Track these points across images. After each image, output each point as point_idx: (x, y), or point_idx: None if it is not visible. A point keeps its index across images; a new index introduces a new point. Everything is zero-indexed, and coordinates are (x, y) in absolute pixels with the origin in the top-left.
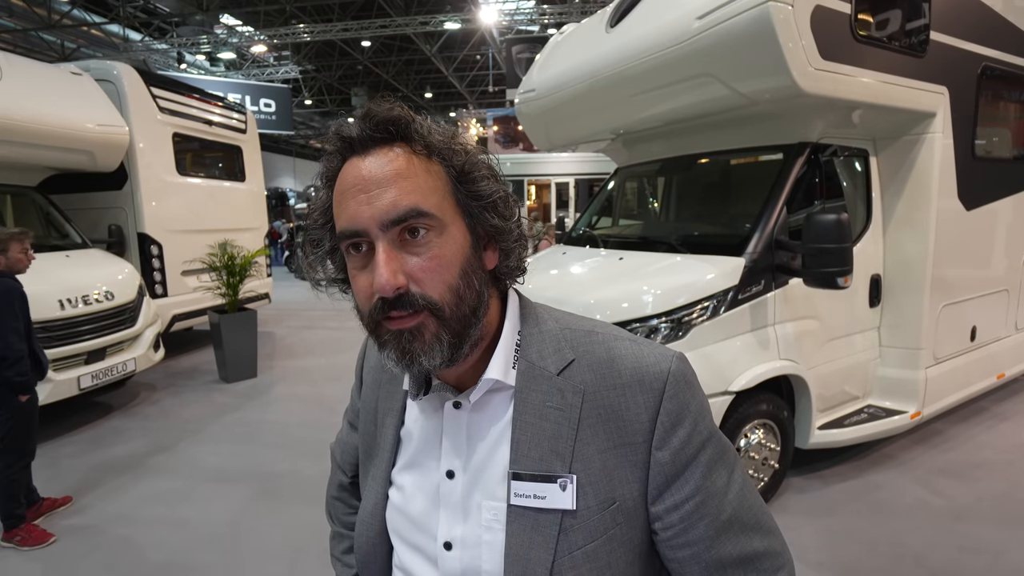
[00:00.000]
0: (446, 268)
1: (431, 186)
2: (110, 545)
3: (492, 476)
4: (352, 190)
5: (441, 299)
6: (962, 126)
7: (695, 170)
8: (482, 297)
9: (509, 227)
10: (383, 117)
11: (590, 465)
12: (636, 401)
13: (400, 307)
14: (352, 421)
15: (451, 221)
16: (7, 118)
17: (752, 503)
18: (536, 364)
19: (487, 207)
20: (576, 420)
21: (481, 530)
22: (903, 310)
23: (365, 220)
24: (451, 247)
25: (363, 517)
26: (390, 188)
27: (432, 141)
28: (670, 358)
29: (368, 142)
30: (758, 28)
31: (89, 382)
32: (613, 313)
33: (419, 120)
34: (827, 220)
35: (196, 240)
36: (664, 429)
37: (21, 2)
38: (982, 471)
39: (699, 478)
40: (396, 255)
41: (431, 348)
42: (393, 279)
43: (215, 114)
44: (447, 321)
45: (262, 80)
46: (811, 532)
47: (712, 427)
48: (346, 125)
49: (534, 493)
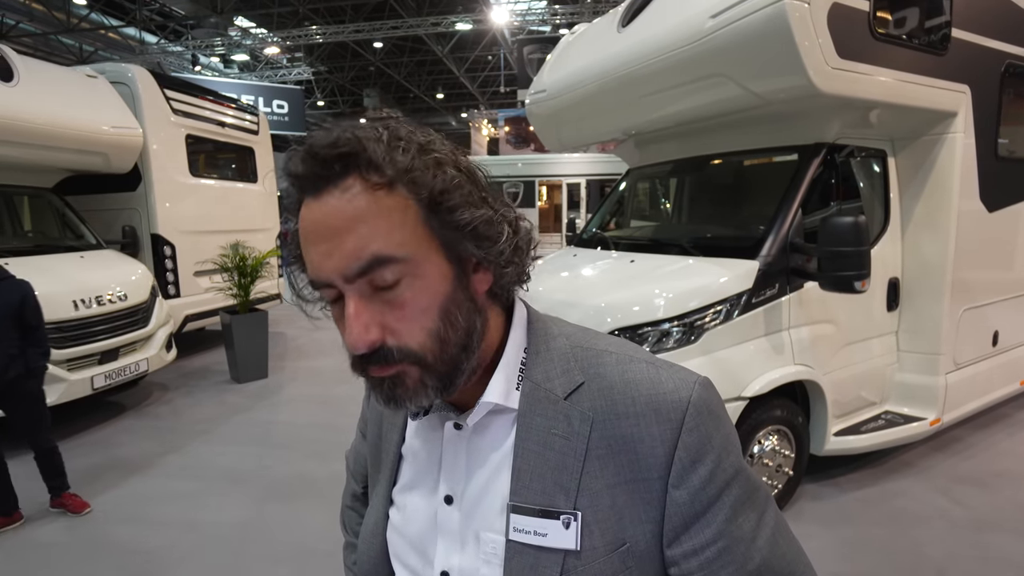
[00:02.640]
0: (424, 313)
1: (394, 224)
2: (121, 545)
3: (491, 506)
4: (311, 236)
5: (421, 348)
6: (984, 125)
7: (708, 171)
8: (473, 329)
9: (498, 249)
10: (326, 155)
11: (597, 501)
12: (651, 432)
13: (376, 362)
14: (362, 430)
15: (424, 258)
16: (24, 120)
17: (786, 550)
18: (541, 386)
19: (467, 236)
20: (583, 450)
21: (479, 563)
22: (922, 314)
23: (329, 272)
24: (427, 289)
25: (365, 535)
26: (347, 236)
27: (391, 169)
28: (691, 384)
29: (317, 181)
30: (773, 26)
31: (102, 382)
32: (624, 316)
33: (371, 146)
34: (844, 222)
35: (208, 241)
36: (682, 465)
37: (41, 6)
38: (1003, 480)
39: (722, 521)
40: (366, 307)
41: (415, 394)
42: (365, 334)
43: (228, 116)
44: (430, 367)
45: (275, 82)
46: (827, 541)
47: (739, 464)
48: (293, 159)
49: (535, 529)
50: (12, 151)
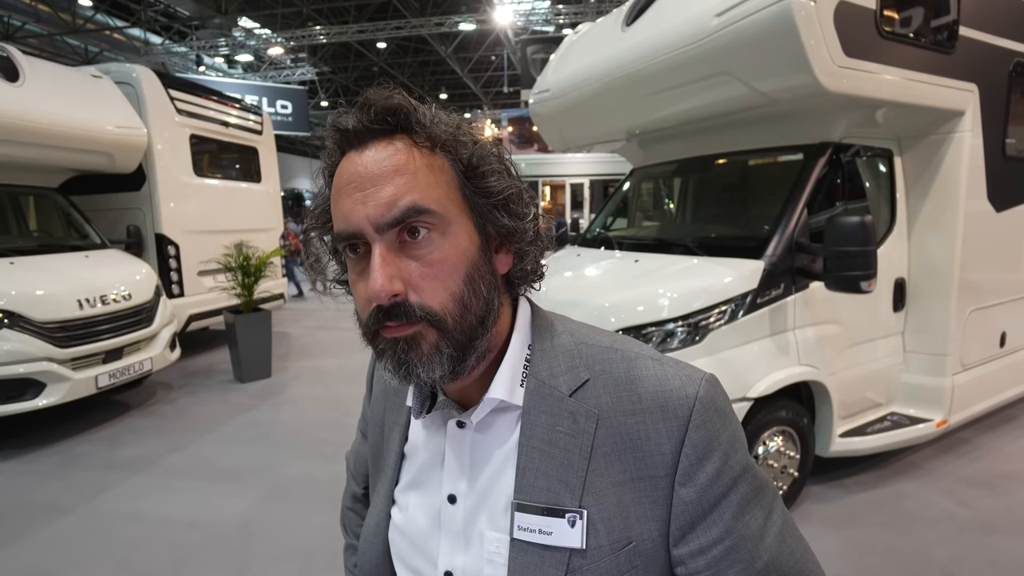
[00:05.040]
0: (449, 273)
1: (434, 181)
2: (123, 545)
3: (496, 504)
4: (348, 187)
5: (442, 309)
6: (992, 124)
7: (712, 171)
8: (491, 305)
9: (523, 227)
10: (381, 106)
11: (603, 499)
12: (657, 429)
13: (396, 317)
14: (363, 430)
15: (456, 220)
16: (30, 120)
17: (794, 549)
18: (546, 383)
19: (497, 205)
20: (588, 448)
21: (483, 562)
22: (929, 315)
23: (360, 220)
24: (455, 249)
25: (366, 535)
26: (387, 185)
27: (436, 132)
28: (698, 381)
29: (365, 134)
30: (779, 25)
31: (107, 381)
32: (628, 316)
33: (422, 109)
34: (850, 222)
35: (212, 241)
36: (689, 463)
37: (47, 7)
38: (1011, 482)
39: (729, 519)
40: (393, 259)
41: (429, 360)
42: (388, 285)
43: (232, 116)
44: (449, 332)
45: (279, 82)
46: (832, 542)
47: (746, 461)
48: (343, 116)
49: (539, 528)
50: (18, 151)
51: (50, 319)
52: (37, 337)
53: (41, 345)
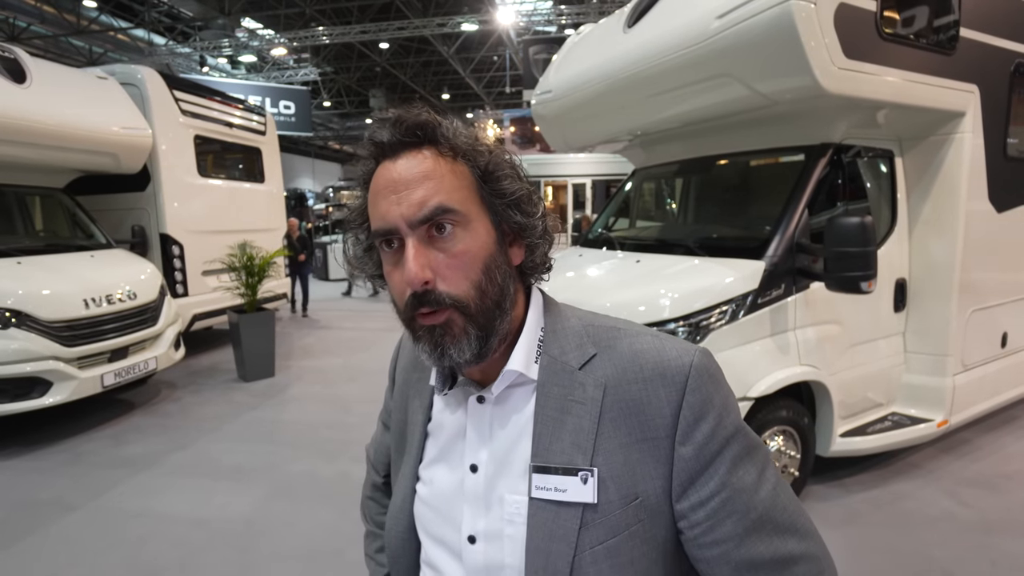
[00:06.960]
0: (470, 264)
1: (456, 185)
2: (129, 542)
3: (514, 470)
4: (384, 191)
5: (466, 296)
6: (993, 125)
7: (714, 171)
8: (506, 291)
9: (533, 223)
10: (412, 123)
11: (612, 459)
12: (658, 395)
13: (427, 303)
14: (385, 421)
15: (476, 217)
16: (35, 121)
17: (786, 503)
18: (558, 359)
19: (511, 204)
20: (598, 413)
21: (503, 523)
22: (929, 315)
23: (395, 218)
24: (476, 242)
25: (392, 512)
26: (418, 188)
27: (458, 143)
28: (692, 352)
29: (398, 146)
30: (780, 27)
31: (112, 380)
32: (630, 316)
33: (445, 124)
34: (850, 223)
35: (216, 241)
36: (687, 423)
37: (51, 8)
38: (1012, 482)
39: (724, 474)
40: (424, 251)
41: (460, 342)
42: (421, 272)
43: (235, 116)
44: (473, 316)
45: (282, 82)
46: (833, 542)
47: (739, 423)
48: (378, 131)
49: (555, 486)
50: (25, 152)
51: (57, 318)
52: (44, 336)
53: (48, 344)
